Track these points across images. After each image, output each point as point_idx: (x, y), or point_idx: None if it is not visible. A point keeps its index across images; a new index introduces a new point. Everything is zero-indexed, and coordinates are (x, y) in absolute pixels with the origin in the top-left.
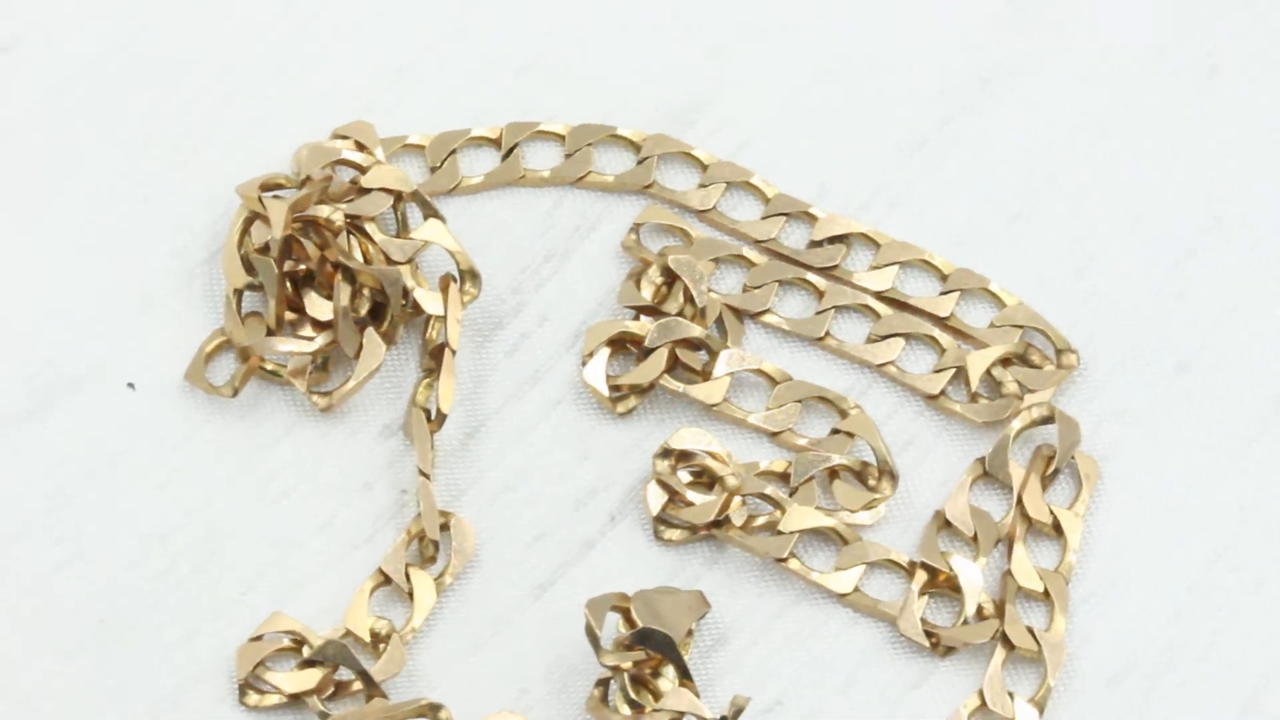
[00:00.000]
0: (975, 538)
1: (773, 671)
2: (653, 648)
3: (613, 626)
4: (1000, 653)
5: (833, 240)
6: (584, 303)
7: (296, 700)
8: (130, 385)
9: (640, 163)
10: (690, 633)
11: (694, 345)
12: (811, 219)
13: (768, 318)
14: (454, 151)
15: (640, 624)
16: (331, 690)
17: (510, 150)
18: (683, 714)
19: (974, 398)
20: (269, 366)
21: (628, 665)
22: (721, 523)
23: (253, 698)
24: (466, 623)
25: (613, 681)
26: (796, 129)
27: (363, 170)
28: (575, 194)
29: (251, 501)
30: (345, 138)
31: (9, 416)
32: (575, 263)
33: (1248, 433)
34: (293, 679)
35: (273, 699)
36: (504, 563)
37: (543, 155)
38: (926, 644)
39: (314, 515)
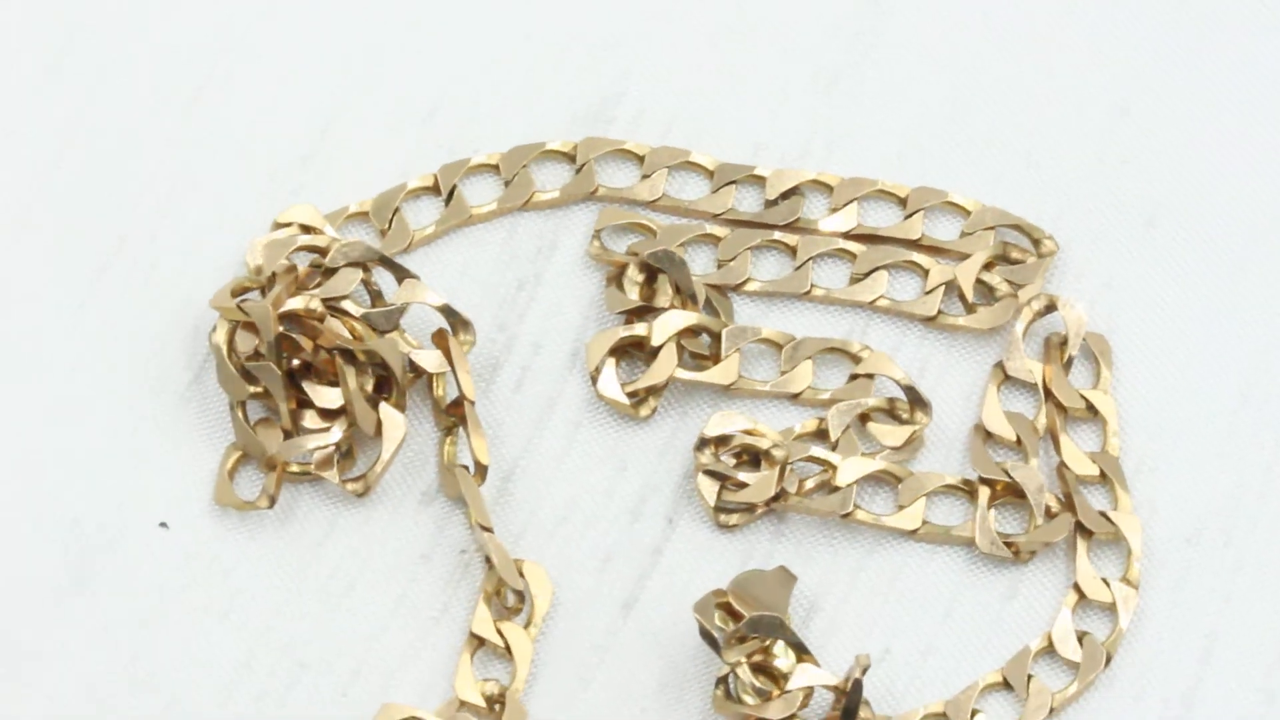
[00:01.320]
0: (1019, 441)
1: (872, 623)
2: (764, 633)
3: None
4: (1081, 543)
5: (786, 195)
6: (570, 320)
7: None
8: (163, 525)
9: (579, 171)
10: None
11: (694, 332)
12: (759, 179)
13: (749, 286)
14: (397, 209)
15: (744, 612)
16: None
17: (451, 192)
18: (811, 689)
19: (972, 308)
20: (294, 468)
21: (761, 670)
22: (778, 495)
23: None
24: (568, 660)
25: (731, 676)
26: (713, 97)
27: (323, 251)
28: (526, 217)
29: (320, 603)
30: (289, 224)
31: (58, 591)
32: (548, 284)
33: (1233, 270)
34: None
35: None
36: (583, 592)
37: (483, 189)
38: (1008, 554)
39: (383, 600)
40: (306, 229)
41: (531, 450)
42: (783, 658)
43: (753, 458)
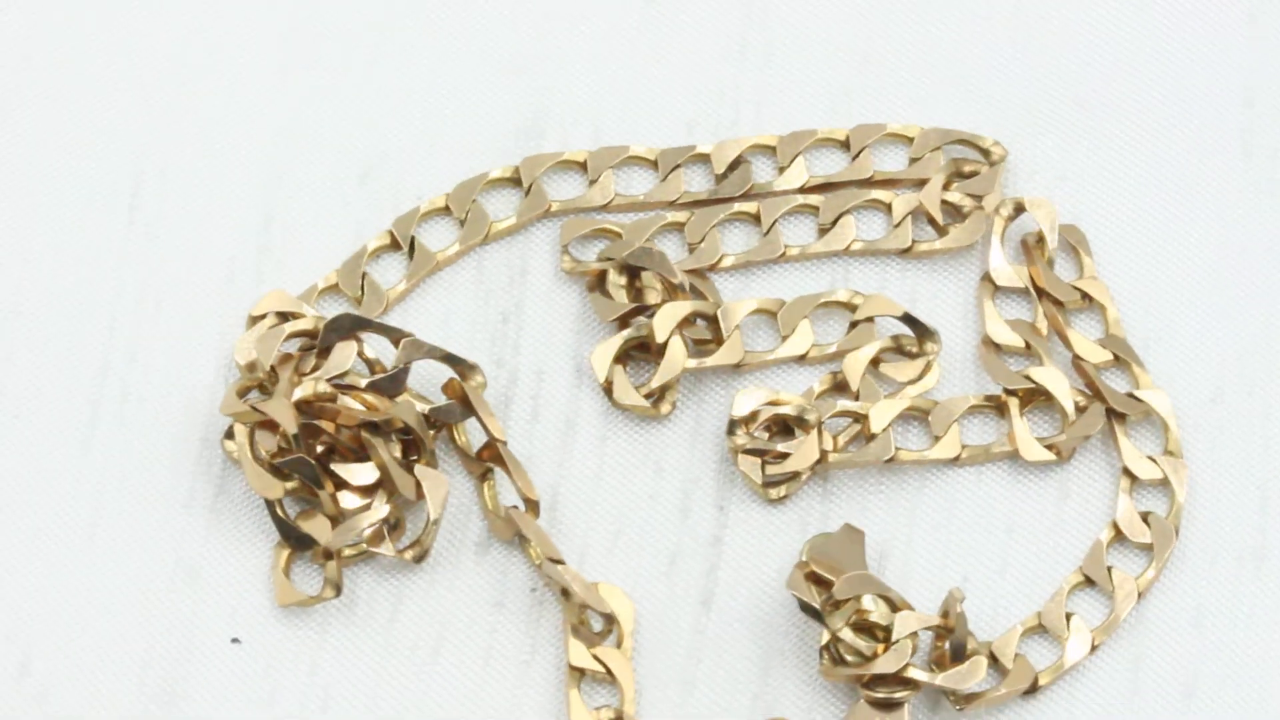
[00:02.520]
0: (1028, 346)
1: (943, 556)
2: (859, 591)
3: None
4: (1117, 428)
5: (733, 165)
6: (564, 338)
7: None
8: (235, 640)
9: (528, 192)
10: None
11: (689, 320)
12: (703, 157)
13: (725, 263)
14: (365, 273)
15: (829, 577)
16: None
17: (411, 243)
18: (915, 633)
19: (944, 230)
20: (346, 550)
21: (861, 629)
22: (820, 457)
23: None
24: (668, 668)
25: (832, 641)
26: (634, 89)
27: (311, 333)
28: (490, 250)
29: (412, 676)
30: (263, 316)
31: None
32: (531, 309)
33: (1175, 135)
34: None
35: None
36: (659, 599)
37: (440, 233)
38: (1052, 456)
39: (472, 656)
40: (284, 315)
41: (565, 475)
42: (876, 611)
43: (783, 427)
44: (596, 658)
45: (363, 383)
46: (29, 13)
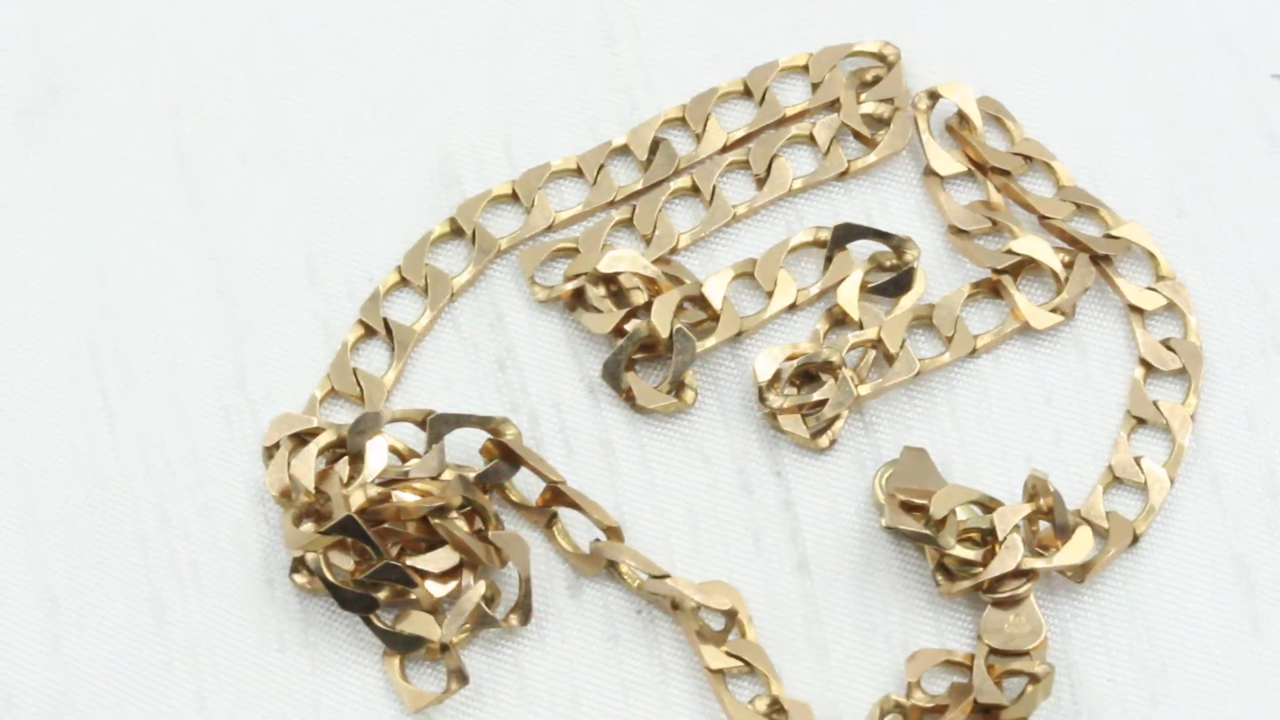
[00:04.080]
0: (994, 223)
1: (1000, 445)
2: (957, 502)
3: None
4: (1107, 270)
5: (654, 148)
6: (565, 365)
7: None
8: None
9: (474, 239)
10: None
11: (679, 307)
12: (623, 149)
13: (683, 243)
14: (354, 369)
15: (917, 501)
16: None
17: (385, 326)
18: (1018, 524)
19: (871, 142)
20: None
21: (962, 539)
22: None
23: None
24: (794, 639)
25: (939, 562)
26: (525, 107)
27: (338, 443)
28: (460, 305)
29: None
30: (277, 444)
31: None
32: (522, 349)
33: None
34: None
35: None
36: (758, 578)
37: (407, 306)
38: (1058, 318)
39: (611, 696)
40: (300, 437)
41: (621, 495)
42: (970, 518)
43: (807, 377)
44: (730, 654)
45: (406, 468)
46: None
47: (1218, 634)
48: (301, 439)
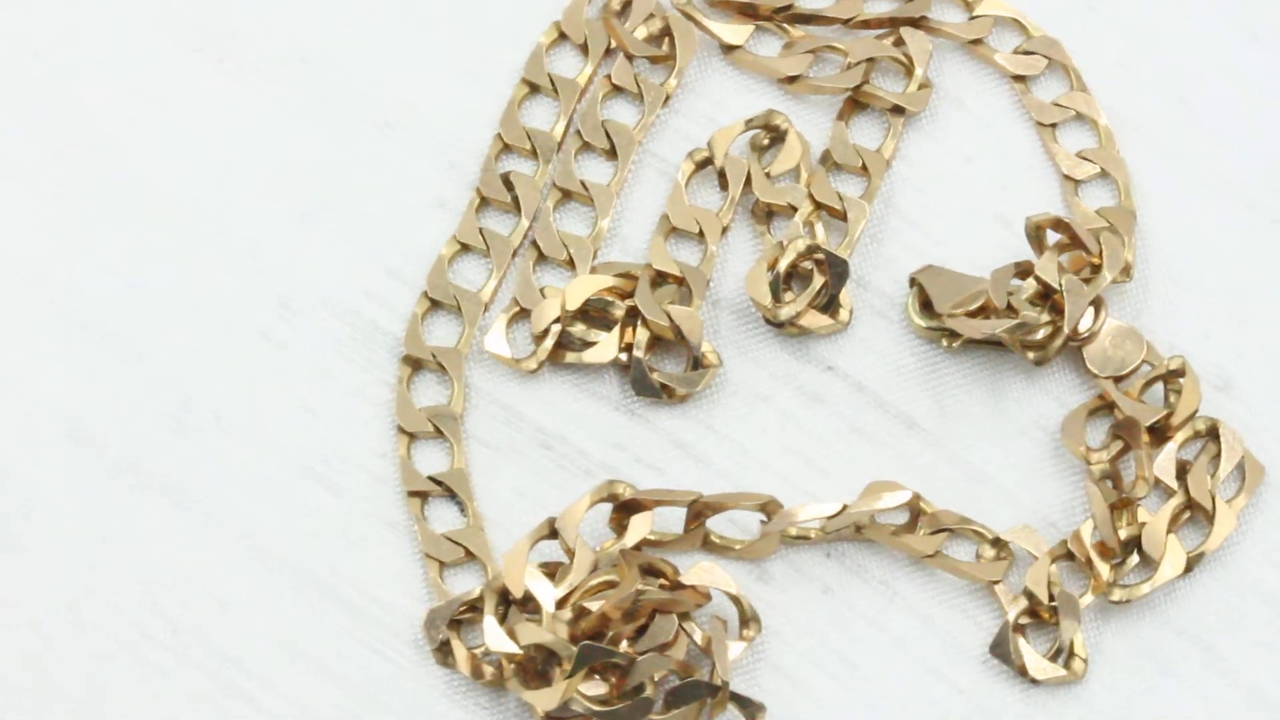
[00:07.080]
0: (818, 51)
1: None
2: (1005, 288)
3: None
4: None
5: (508, 187)
6: (585, 407)
7: None
8: None
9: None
10: None
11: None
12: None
13: (598, 244)
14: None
15: (936, 307)
16: None
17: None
18: (1060, 263)
19: (667, 59)
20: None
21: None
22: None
23: None
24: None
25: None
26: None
27: (497, 593)
28: (475, 416)
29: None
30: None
31: None
32: (532, 397)
33: None
34: None
35: None
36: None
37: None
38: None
39: (877, 634)
40: (474, 604)
41: (721, 473)
42: (1017, 291)
43: (794, 273)
44: (932, 534)
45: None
46: None
47: None
48: (458, 622)
